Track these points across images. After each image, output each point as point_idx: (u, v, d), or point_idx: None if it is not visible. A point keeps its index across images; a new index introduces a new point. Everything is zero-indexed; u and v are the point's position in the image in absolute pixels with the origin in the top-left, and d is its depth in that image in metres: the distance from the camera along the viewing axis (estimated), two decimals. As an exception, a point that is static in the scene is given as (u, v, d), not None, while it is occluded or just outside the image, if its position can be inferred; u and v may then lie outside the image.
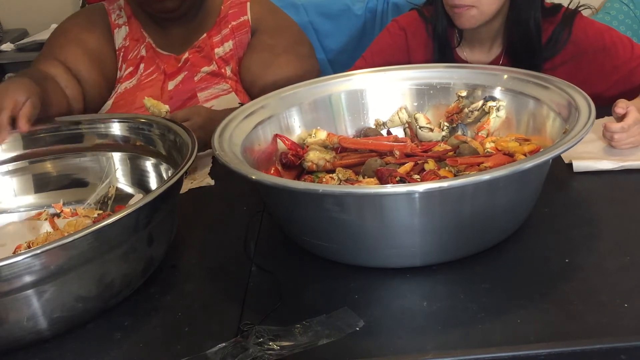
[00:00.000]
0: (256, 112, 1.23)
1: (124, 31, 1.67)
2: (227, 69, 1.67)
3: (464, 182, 0.90)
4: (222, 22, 1.68)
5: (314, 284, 1.00)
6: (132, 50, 1.66)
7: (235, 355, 0.84)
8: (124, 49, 1.66)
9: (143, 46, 1.66)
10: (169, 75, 1.66)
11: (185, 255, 1.12)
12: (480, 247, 1.01)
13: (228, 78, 1.67)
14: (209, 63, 1.67)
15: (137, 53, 1.66)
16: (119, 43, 1.66)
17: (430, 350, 0.84)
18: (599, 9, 2.35)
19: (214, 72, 1.67)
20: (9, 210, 1.26)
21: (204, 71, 1.66)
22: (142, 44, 1.66)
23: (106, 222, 0.87)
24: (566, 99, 1.12)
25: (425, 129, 1.28)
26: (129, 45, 1.66)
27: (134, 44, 1.67)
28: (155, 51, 1.67)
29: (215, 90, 1.67)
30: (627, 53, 1.51)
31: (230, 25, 1.68)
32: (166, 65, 1.66)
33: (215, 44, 1.67)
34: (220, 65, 1.67)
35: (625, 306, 0.87)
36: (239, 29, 1.68)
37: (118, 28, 1.67)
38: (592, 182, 1.20)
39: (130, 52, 1.66)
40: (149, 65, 1.66)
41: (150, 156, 1.23)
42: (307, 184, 1.03)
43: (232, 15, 1.68)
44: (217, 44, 1.67)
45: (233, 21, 1.68)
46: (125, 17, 1.67)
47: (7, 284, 0.84)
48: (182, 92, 1.65)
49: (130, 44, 1.66)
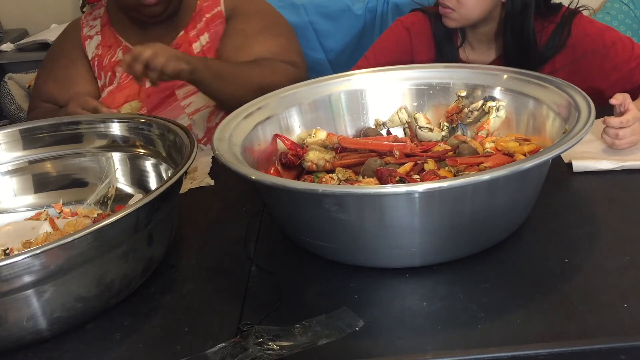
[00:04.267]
0: (256, 112, 1.23)
1: (96, 40, 1.71)
2: None
3: (464, 182, 0.90)
4: (197, 16, 1.69)
5: (314, 284, 1.00)
6: (106, 56, 1.69)
7: (234, 355, 0.84)
8: (97, 57, 1.70)
9: (120, 49, 1.69)
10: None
11: (185, 255, 1.12)
12: (480, 247, 1.01)
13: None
14: None
15: (111, 57, 1.69)
16: (92, 53, 1.70)
17: (430, 350, 0.84)
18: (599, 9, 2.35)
19: None
20: (9, 210, 1.26)
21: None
22: (117, 48, 1.69)
23: (106, 222, 0.87)
24: (566, 99, 1.12)
25: (425, 129, 1.28)
26: (102, 53, 1.69)
27: (106, 51, 1.69)
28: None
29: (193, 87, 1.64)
30: (627, 52, 1.51)
31: (204, 18, 1.69)
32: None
33: (192, 39, 1.68)
34: None
35: (625, 306, 0.87)
36: (213, 21, 1.69)
37: (89, 40, 1.71)
38: (592, 182, 1.20)
39: (104, 58, 1.69)
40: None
41: (150, 156, 1.23)
42: (307, 184, 1.02)
43: (206, 8, 1.70)
44: (193, 39, 1.68)
45: (207, 14, 1.69)
46: (99, 27, 1.71)
47: (6, 284, 0.84)
48: (159, 91, 1.65)
49: (102, 52, 1.69)
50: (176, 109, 1.67)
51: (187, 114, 1.68)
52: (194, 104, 1.67)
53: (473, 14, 1.53)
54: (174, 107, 1.67)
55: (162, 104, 1.67)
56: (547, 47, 1.55)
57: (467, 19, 1.54)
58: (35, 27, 3.08)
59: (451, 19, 1.55)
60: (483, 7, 1.52)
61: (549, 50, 1.55)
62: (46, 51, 2.75)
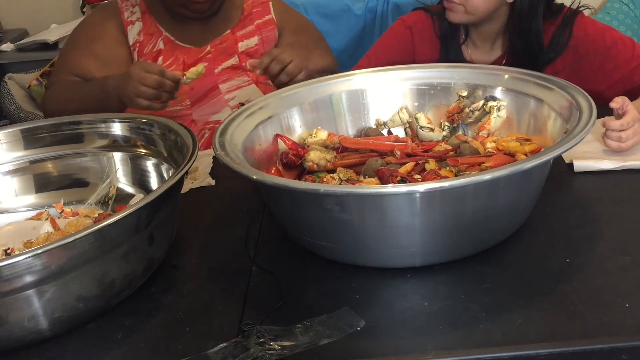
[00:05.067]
0: (257, 112, 1.23)
1: (138, 27, 1.70)
2: (248, 63, 1.70)
3: (465, 182, 0.90)
4: (246, 19, 1.74)
5: (315, 284, 1.00)
6: (147, 45, 1.70)
7: (236, 355, 0.84)
8: (139, 44, 1.69)
9: (161, 39, 1.70)
10: (189, 66, 1.68)
11: (186, 255, 1.12)
12: (481, 247, 1.01)
13: (249, 71, 1.71)
14: (230, 57, 1.72)
15: (153, 46, 1.70)
16: (132, 39, 1.70)
17: (431, 350, 0.84)
18: (599, 9, 2.35)
19: (235, 65, 1.72)
20: (10, 210, 1.26)
21: (225, 65, 1.71)
22: (158, 37, 1.70)
23: (107, 222, 0.87)
24: (567, 99, 1.12)
25: (426, 128, 1.28)
26: (144, 40, 1.69)
27: (148, 39, 1.70)
28: (175, 44, 1.70)
29: (237, 82, 1.72)
30: (628, 52, 1.51)
31: (256, 22, 1.75)
32: (186, 56, 1.70)
33: (239, 38, 1.73)
34: (242, 59, 1.72)
35: (627, 306, 0.88)
36: (265, 27, 1.75)
37: (131, 25, 1.70)
38: (592, 182, 1.20)
39: (145, 46, 1.69)
40: (168, 57, 1.69)
41: (151, 156, 1.23)
42: (308, 184, 1.02)
43: (256, 14, 1.75)
44: (240, 39, 1.73)
45: (258, 19, 1.75)
46: (139, 13, 1.71)
47: (7, 284, 0.84)
48: (203, 85, 1.68)
49: (144, 39, 1.69)
50: (220, 102, 1.71)
51: (230, 107, 1.71)
52: (238, 98, 1.71)
53: (478, 9, 1.52)
54: (218, 100, 1.71)
55: (205, 97, 1.71)
56: (549, 48, 1.55)
57: (472, 15, 1.53)
58: (35, 27, 3.08)
59: (455, 12, 1.54)
60: (490, 5, 1.51)
61: (551, 52, 1.55)
62: (46, 51, 2.80)
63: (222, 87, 1.71)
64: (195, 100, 1.69)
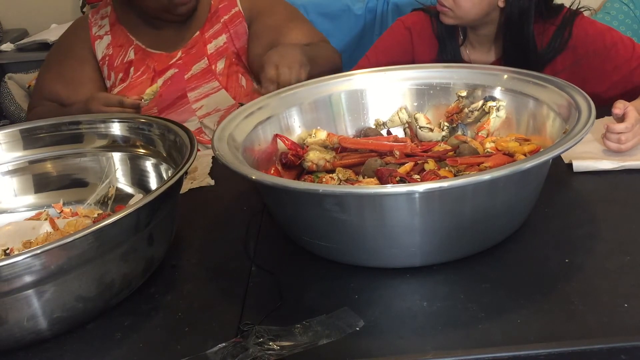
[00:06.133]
0: (256, 112, 1.23)
1: (107, 40, 1.70)
2: (218, 65, 1.68)
3: (464, 182, 0.90)
4: (213, 17, 1.70)
5: (314, 284, 1.00)
6: (117, 57, 1.69)
7: (235, 355, 0.84)
8: (108, 57, 1.69)
9: (131, 49, 1.68)
10: (159, 72, 1.67)
11: (185, 255, 1.12)
12: (481, 247, 1.01)
13: (218, 74, 1.68)
14: (199, 60, 1.69)
15: (123, 58, 1.69)
16: (101, 53, 1.69)
17: (431, 350, 0.84)
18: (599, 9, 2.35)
19: (204, 69, 1.68)
20: (9, 211, 1.26)
21: (194, 69, 1.68)
22: (129, 48, 1.69)
23: (106, 222, 0.87)
24: (566, 99, 1.12)
25: (425, 129, 1.28)
26: (113, 53, 1.69)
27: (118, 51, 1.69)
28: (146, 51, 1.69)
29: (205, 90, 1.69)
30: (627, 53, 1.51)
31: (222, 19, 1.70)
32: (157, 63, 1.68)
33: (208, 39, 1.69)
34: (211, 61, 1.68)
35: (626, 306, 0.87)
36: (232, 22, 1.70)
37: (99, 40, 1.70)
38: (592, 182, 1.20)
39: (115, 59, 1.69)
40: (139, 66, 1.68)
41: (150, 156, 1.23)
42: (308, 184, 1.02)
43: (222, 10, 1.70)
44: (209, 40, 1.69)
45: (224, 15, 1.70)
46: (108, 26, 1.70)
47: (7, 284, 0.84)
48: (172, 92, 1.67)
49: (114, 52, 1.69)
50: (187, 111, 1.69)
51: (198, 116, 1.68)
52: (205, 107, 1.68)
53: (468, 15, 1.54)
54: (185, 110, 1.68)
55: (173, 105, 1.68)
56: (548, 48, 1.55)
57: (462, 19, 1.56)
58: (35, 27, 3.08)
59: (447, 17, 1.56)
60: (478, 10, 1.53)
61: (550, 52, 1.55)
62: (46, 51, 2.77)
63: (190, 95, 1.68)
64: (163, 107, 1.67)
